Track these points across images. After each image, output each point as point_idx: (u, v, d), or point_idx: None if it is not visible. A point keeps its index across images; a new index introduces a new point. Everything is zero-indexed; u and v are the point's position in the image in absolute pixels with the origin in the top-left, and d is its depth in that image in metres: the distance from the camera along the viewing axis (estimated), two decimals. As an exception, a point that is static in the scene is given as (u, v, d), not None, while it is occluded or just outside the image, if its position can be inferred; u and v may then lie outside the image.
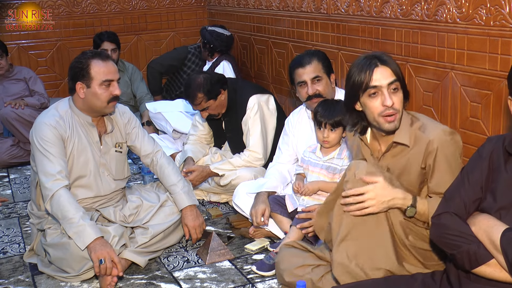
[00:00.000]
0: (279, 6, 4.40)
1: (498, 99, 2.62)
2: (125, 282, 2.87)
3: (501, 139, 2.04)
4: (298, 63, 3.22)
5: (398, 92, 2.28)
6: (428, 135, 2.29)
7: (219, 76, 3.89)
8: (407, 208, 2.28)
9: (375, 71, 2.25)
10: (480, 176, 2.04)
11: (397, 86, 2.28)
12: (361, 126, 2.41)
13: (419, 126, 2.34)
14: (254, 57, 5.01)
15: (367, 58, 2.29)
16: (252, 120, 3.75)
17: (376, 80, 2.25)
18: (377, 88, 2.25)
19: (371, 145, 2.45)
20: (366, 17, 3.42)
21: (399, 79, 2.28)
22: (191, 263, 3.06)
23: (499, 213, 1.96)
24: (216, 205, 3.87)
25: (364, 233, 2.26)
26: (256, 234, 3.24)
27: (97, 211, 3.08)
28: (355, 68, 2.30)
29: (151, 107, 4.91)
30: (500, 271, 1.89)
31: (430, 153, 2.29)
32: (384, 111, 2.26)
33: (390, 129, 2.31)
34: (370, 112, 2.30)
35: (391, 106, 2.24)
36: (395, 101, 2.26)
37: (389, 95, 2.24)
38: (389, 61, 2.29)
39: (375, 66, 2.25)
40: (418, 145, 2.31)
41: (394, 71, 2.27)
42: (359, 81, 2.27)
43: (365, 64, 2.27)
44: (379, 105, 2.26)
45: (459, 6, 2.74)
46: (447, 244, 2.02)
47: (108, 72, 2.94)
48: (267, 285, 2.79)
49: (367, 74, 2.25)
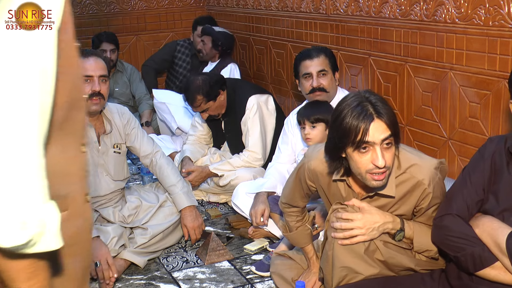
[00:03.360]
0: (278, 7, 4.40)
1: (497, 99, 2.62)
2: (124, 282, 2.87)
3: (502, 140, 2.02)
4: (306, 55, 3.27)
5: (391, 147, 2.01)
6: (423, 180, 2.10)
7: (218, 77, 3.88)
8: (397, 232, 2.16)
9: (371, 125, 1.96)
10: (482, 177, 2.02)
11: (391, 141, 2.00)
12: (344, 169, 2.14)
13: (407, 168, 2.12)
14: (253, 58, 5.01)
15: (361, 106, 1.99)
16: (251, 121, 3.75)
17: (370, 135, 1.96)
18: (369, 144, 1.98)
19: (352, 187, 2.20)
20: (365, 17, 3.42)
21: (394, 133, 2.01)
22: (190, 263, 3.05)
23: (502, 215, 1.94)
24: (215, 205, 3.87)
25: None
26: (255, 234, 3.24)
27: (96, 211, 3.08)
28: (346, 114, 2.00)
29: (157, 94, 4.93)
30: (505, 273, 1.88)
31: (426, 197, 2.12)
32: (373, 169, 2.00)
33: (377, 186, 2.08)
34: (356, 166, 2.04)
35: (383, 166, 1.98)
36: (387, 159, 1.99)
37: (382, 153, 1.97)
38: (385, 111, 1.99)
39: (371, 119, 1.96)
40: (409, 189, 2.12)
41: (389, 124, 1.99)
42: (350, 132, 1.97)
43: (359, 114, 1.97)
44: (368, 162, 1.99)
45: (458, 6, 2.74)
46: (450, 247, 2.00)
47: (86, 68, 2.94)
48: (266, 285, 2.79)
49: (361, 128, 1.96)
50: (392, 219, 2.15)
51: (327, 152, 2.14)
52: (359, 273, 2.11)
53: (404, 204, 2.17)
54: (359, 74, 3.57)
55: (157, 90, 5.05)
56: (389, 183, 2.10)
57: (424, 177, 2.10)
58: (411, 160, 2.13)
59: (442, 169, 2.15)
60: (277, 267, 2.69)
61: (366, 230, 2.11)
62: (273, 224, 3.20)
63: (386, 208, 2.19)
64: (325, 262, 2.23)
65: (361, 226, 2.10)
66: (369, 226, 2.11)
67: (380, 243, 2.14)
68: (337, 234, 2.13)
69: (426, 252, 2.19)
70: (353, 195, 2.21)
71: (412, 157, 2.15)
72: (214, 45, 4.93)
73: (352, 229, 2.11)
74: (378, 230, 2.13)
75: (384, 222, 2.13)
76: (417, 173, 2.11)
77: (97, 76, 2.96)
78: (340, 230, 2.13)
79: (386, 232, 2.16)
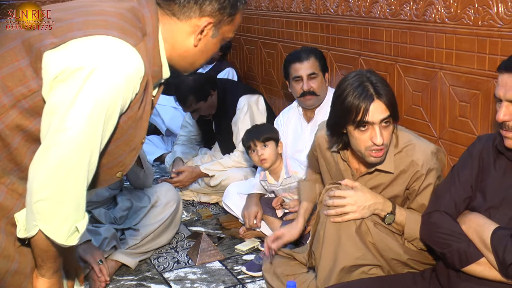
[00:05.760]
0: (269, 6, 4.40)
1: (486, 99, 2.63)
2: (115, 283, 2.86)
3: (491, 138, 2.05)
4: (296, 57, 3.25)
5: (389, 125, 2.15)
6: (417, 160, 2.20)
7: (208, 77, 3.88)
8: (386, 215, 2.22)
9: (371, 106, 2.09)
10: (470, 174, 2.05)
11: (389, 121, 2.14)
12: (343, 144, 2.28)
13: (404, 147, 2.23)
14: (244, 58, 5.00)
15: (362, 86, 2.12)
16: (242, 121, 3.75)
17: (370, 116, 2.10)
18: (369, 123, 2.11)
19: (350, 163, 2.33)
20: (355, 17, 3.43)
21: (393, 113, 2.14)
22: (181, 264, 3.05)
23: (488, 212, 1.97)
24: (206, 205, 3.87)
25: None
26: (247, 234, 3.24)
27: (88, 212, 3.06)
28: (348, 93, 2.13)
29: None
30: (490, 269, 1.90)
31: (418, 179, 2.21)
32: (371, 146, 2.13)
33: (375, 163, 2.21)
34: (356, 143, 2.18)
35: (381, 144, 2.12)
36: (385, 137, 2.13)
37: (380, 132, 2.11)
38: (385, 92, 2.13)
39: (371, 100, 2.09)
40: (404, 168, 2.22)
41: (389, 104, 2.12)
42: (351, 112, 2.10)
43: (360, 94, 2.10)
44: (367, 139, 2.13)
45: (447, 6, 2.75)
46: (438, 243, 2.03)
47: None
48: (257, 285, 2.79)
49: (361, 108, 2.09)
50: (382, 201, 2.23)
51: (329, 128, 2.28)
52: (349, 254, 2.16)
53: (397, 184, 2.24)
54: (349, 74, 3.58)
55: None
56: (388, 160, 2.21)
57: (418, 157, 2.19)
58: (408, 140, 2.25)
59: (439, 157, 2.24)
60: (269, 265, 2.67)
61: (358, 207, 2.18)
62: (264, 225, 3.21)
63: (381, 187, 2.26)
64: (316, 243, 2.28)
65: (353, 203, 2.18)
66: (361, 204, 2.19)
67: (370, 223, 2.20)
68: (330, 211, 2.21)
69: (415, 241, 2.23)
70: (351, 172, 2.31)
71: (410, 138, 2.26)
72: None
73: (344, 206, 2.18)
74: (369, 209, 2.20)
75: (375, 202, 2.21)
76: (412, 152, 2.20)
77: None
78: (333, 207, 2.21)
79: (376, 214, 2.22)
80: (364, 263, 2.17)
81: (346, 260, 2.16)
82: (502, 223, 1.91)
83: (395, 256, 2.22)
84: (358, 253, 2.16)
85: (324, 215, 2.24)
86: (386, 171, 2.23)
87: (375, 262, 2.19)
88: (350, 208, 2.18)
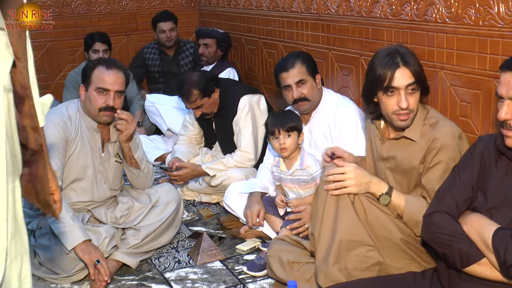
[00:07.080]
0: (269, 6, 4.41)
1: (487, 99, 2.63)
2: (116, 283, 2.86)
3: (492, 138, 2.05)
4: (281, 67, 3.20)
5: (415, 92, 2.33)
6: (436, 133, 2.35)
7: (212, 74, 3.88)
8: (381, 195, 2.34)
9: (396, 72, 2.30)
10: (471, 175, 2.05)
11: (415, 87, 2.33)
12: (376, 114, 2.47)
13: (431, 122, 2.39)
14: (245, 58, 5.01)
15: (391, 55, 2.33)
16: (243, 121, 3.75)
17: (395, 81, 2.30)
18: (395, 88, 2.31)
19: (382, 130, 2.52)
20: (356, 17, 3.43)
21: (418, 80, 2.33)
22: (182, 263, 3.05)
23: (490, 212, 1.97)
24: (207, 205, 3.87)
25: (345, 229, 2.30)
26: (247, 234, 3.24)
27: (88, 211, 3.07)
28: (377, 62, 2.35)
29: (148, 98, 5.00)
30: (491, 270, 1.90)
31: (432, 151, 2.34)
32: (398, 110, 2.32)
33: (401, 127, 2.38)
34: (384, 107, 2.37)
35: (406, 108, 2.30)
36: (411, 102, 2.32)
37: (405, 97, 2.30)
38: (411, 61, 2.33)
39: (397, 67, 2.30)
40: (425, 141, 2.36)
41: (414, 72, 2.31)
42: (380, 78, 2.32)
43: (387, 62, 2.31)
44: (394, 104, 2.32)
45: (448, 6, 2.75)
46: (439, 243, 2.03)
47: (104, 81, 2.93)
48: (258, 285, 2.79)
49: (388, 74, 2.30)
50: (378, 182, 2.39)
51: (363, 96, 2.50)
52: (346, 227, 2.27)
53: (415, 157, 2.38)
54: (350, 74, 3.58)
55: (149, 95, 5.05)
56: (414, 128, 2.38)
57: (439, 132, 2.34)
58: (436, 117, 2.41)
59: (460, 142, 2.34)
60: (275, 250, 2.69)
61: (357, 182, 2.34)
62: (265, 224, 3.20)
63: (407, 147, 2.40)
64: (315, 222, 2.40)
65: (352, 177, 2.34)
66: (359, 180, 2.34)
67: (365, 199, 2.34)
68: (330, 185, 2.36)
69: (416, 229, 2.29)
70: (379, 137, 2.52)
71: (439, 116, 2.43)
72: (219, 46, 4.88)
73: (343, 180, 2.34)
74: (365, 186, 2.36)
75: (370, 181, 2.37)
76: (435, 127, 2.36)
77: (114, 91, 2.94)
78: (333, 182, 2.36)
79: (372, 193, 2.37)
80: (360, 240, 2.27)
81: (344, 232, 2.27)
82: (504, 223, 1.91)
83: (386, 234, 2.32)
84: (354, 228, 2.28)
85: (324, 192, 2.37)
86: (411, 138, 2.38)
87: (369, 242, 2.28)
88: (349, 182, 2.33)
